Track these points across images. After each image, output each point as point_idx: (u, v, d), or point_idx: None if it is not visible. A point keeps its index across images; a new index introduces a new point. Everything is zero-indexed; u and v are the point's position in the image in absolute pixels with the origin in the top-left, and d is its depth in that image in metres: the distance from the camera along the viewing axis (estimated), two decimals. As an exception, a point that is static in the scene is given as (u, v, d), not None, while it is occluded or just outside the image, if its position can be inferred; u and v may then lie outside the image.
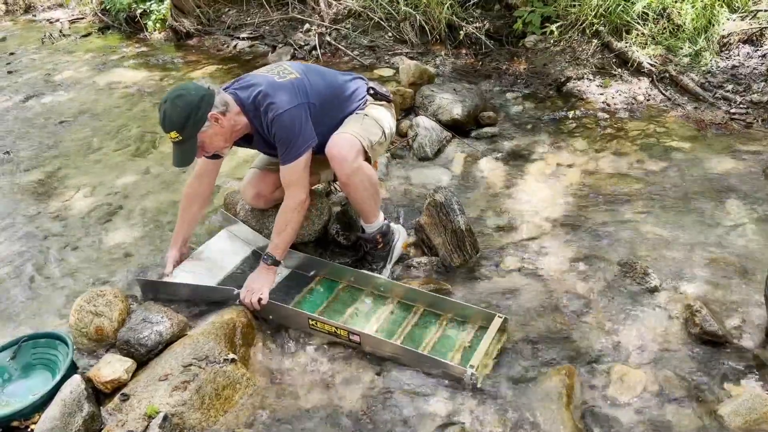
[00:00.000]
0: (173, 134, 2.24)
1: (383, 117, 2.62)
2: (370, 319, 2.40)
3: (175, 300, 2.51)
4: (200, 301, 2.49)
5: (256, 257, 2.71)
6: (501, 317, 2.27)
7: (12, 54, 6.08)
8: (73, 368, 2.16)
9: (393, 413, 2.03)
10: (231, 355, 2.14)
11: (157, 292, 2.57)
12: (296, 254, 2.67)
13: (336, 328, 2.29)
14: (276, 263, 2.44)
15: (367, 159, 2.46)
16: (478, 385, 2.08)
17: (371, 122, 2.54)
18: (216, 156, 2.51)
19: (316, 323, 2.32)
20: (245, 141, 2.51)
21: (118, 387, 2.09)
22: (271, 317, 2.42)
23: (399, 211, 3.07)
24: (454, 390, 2.08)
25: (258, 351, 2.31)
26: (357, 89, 2.61)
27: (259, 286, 2.37)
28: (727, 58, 4.23)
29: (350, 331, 2.27)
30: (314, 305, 2.48)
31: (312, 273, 2.65)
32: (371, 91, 2.64)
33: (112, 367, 2.12)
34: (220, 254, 2.75)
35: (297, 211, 2.40)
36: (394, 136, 3.16)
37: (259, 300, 2.34)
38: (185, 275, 2.60)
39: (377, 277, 2.53)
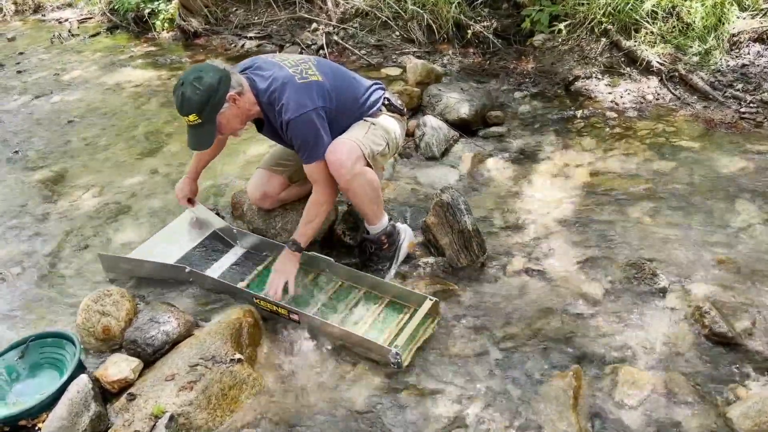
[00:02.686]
0: (192, 117, 2.22)
1: (391, 128, 2.59)
2: (313, 300, 2.48)
3: (134, 276, 2.68)
4: (156, 278, 2.64)
5: (214, 238, 2.87)
6: (432, 300, 2.34)
7: (21, 54, 6.11)
8: (80, 368, 2.17)
9: (399, 414, 2.02)
10: (237, 355, 2.15)
11: (117, 267, 2.72)
12: (250, 236, 2.78)
13: (277, 307, 2.37)
14: (300, 250, 2.47)
15: (368, 165, 2.44)
16: (404, 366, 2.15)
17: (378, 131, 2.52)
18: None
19: (260, 302, 2.41)
20: (256, 124, 2.54)
21: (124, 387, 2.10)
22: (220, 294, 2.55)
23: (406, 211, 3.06)
24: (461, 392, 2.08)
25: (264, 351, 2.31)
26: (374, 98, 2.60)
27: (285, 270, 2.44)
28: (737, 56, 4.19)
29: (290, 310, 2.35)
30: (262, 285, 2.56)
31: (264, 254, 2.75)
32: (386, 102, 2.62)
33: (118, 366, 2.13)
34: (181, 234, 2.88)
35: (326, 203, 2.45)
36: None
37: (286, 285, 2.42)
38: (145, 252, 2.73)
39: (324, 258, 2.59)
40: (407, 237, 2.73)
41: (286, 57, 2.48)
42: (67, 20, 7.08)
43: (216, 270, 2.69)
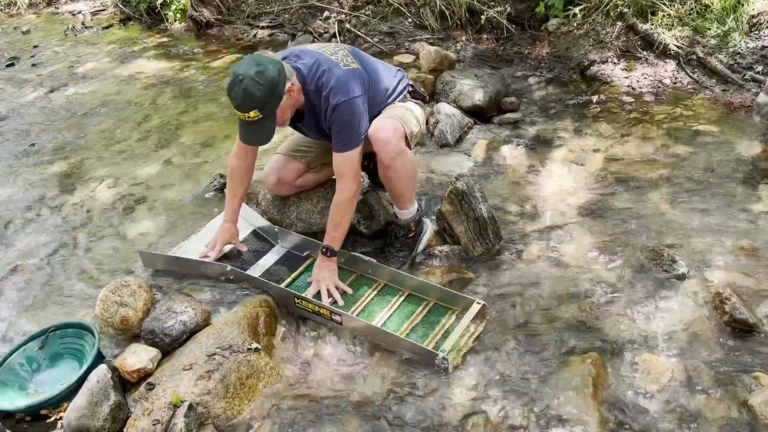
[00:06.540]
0: (253, 113, 2.15)
1: (419, 114, 2.64)
2: (355, 302, 2.43)
3: (174, 274, 2.62)
4: (197, 276, 2.58)
5: (255, 236, 2.81)
6: (479, 303, 2.29)
7: (36, 47, 6.14)
8: (99, 358, 2.19)
9: (416, 404, 2.02)
10: (254, 345, 2.15)
11: (157, 264, 2.68)
12: (292, 235, 2.72)
13: (319, 307, 2.34)
14: (335, 254, 2.45)
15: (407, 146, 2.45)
16: (450, 370, 2.10)
17: (412, 115, 2.55)
18: None
19: (301, 302, 2.37)
20: (294, 117, 2.45)
21: (143, 376, 2.12)
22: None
23: (420, 199, 3.04)
24: (478, 380, 2.07)
25: (281, 341, 2.32)
26: (402, 86, 2.61)
27: (325, 277, 2.42)
28: (756, 38, 4.11)
29: (332, 311, 2.31)
30: (304, 285, 2.53)
31: (306, 254, 2.69)
32: (410, 89, 2.65)
33: (137, 356, 2.14)
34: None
35: (351, 202, 2.39)
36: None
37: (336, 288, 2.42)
38: (185, 251, 2.70)
39: (366, 260, 2.55)
40: (428, 231, 2.74)
41: (322, 45, 2.46)
42: (80, 13, 7.10)
43: (257, 269, 2.63)
